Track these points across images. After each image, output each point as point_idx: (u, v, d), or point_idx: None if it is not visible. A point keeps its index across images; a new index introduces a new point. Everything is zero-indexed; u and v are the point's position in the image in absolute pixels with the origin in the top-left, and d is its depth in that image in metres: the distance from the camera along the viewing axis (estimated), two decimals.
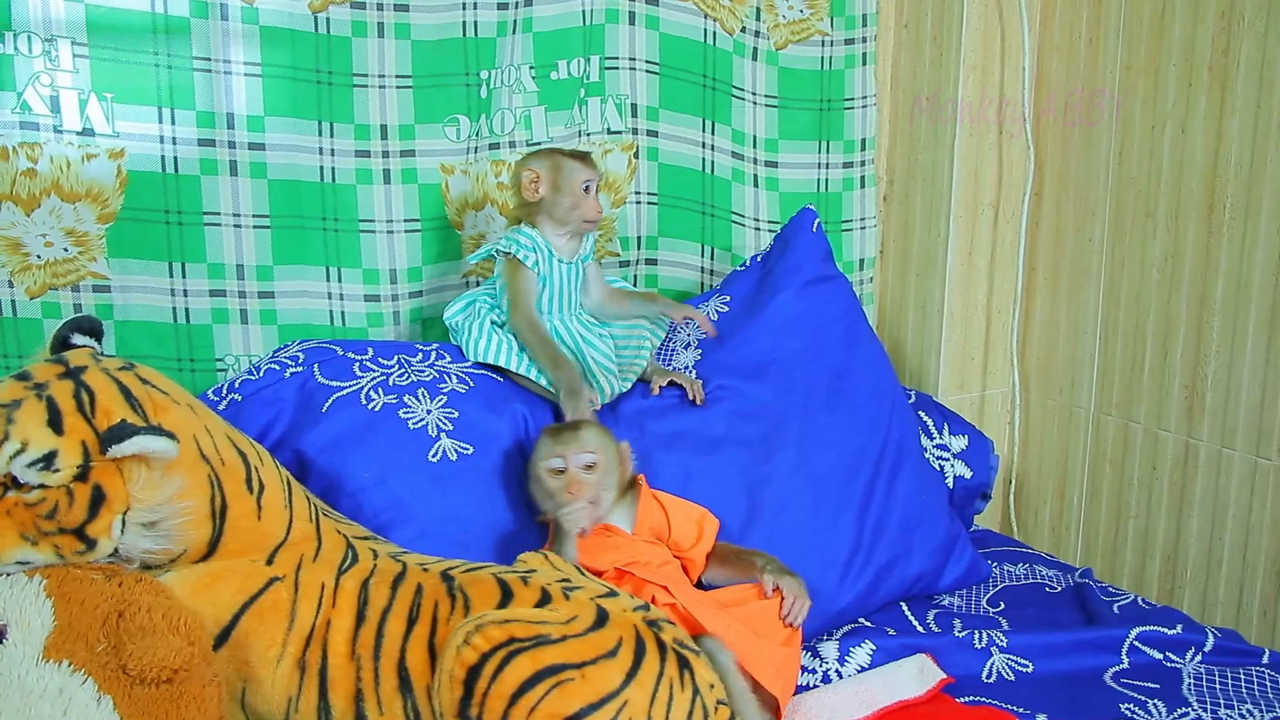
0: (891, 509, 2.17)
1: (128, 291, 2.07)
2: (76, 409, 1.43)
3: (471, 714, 1.45)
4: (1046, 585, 2.22)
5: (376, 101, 2.18)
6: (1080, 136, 2.54)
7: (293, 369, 1.96)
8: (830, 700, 1.80)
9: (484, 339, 2.08)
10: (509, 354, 2.06)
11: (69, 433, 1.42)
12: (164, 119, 2.03)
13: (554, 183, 2.07)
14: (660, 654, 1.53)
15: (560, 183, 2.07)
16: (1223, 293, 2.29)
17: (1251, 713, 1.77)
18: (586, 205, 2.09)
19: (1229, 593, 2.34)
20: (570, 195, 2.07)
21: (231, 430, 1.64)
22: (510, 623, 1.49)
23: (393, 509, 1.84)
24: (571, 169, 2.07)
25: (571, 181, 2.07)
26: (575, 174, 2.07)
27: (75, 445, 1.42)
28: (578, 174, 2.07)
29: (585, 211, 2.09)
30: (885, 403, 2.24)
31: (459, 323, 2.12)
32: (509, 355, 2.06)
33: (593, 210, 2.09)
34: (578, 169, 2.08)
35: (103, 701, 1.31)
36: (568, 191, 2.07)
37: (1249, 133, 2.22)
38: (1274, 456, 2.24)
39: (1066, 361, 2.64)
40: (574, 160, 2.08)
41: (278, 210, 2.14)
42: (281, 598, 1.56)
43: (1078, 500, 2.65)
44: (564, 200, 2.07)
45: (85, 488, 1.42)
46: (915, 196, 2.66)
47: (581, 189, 2.08)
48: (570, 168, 2.07)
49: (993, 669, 1.90)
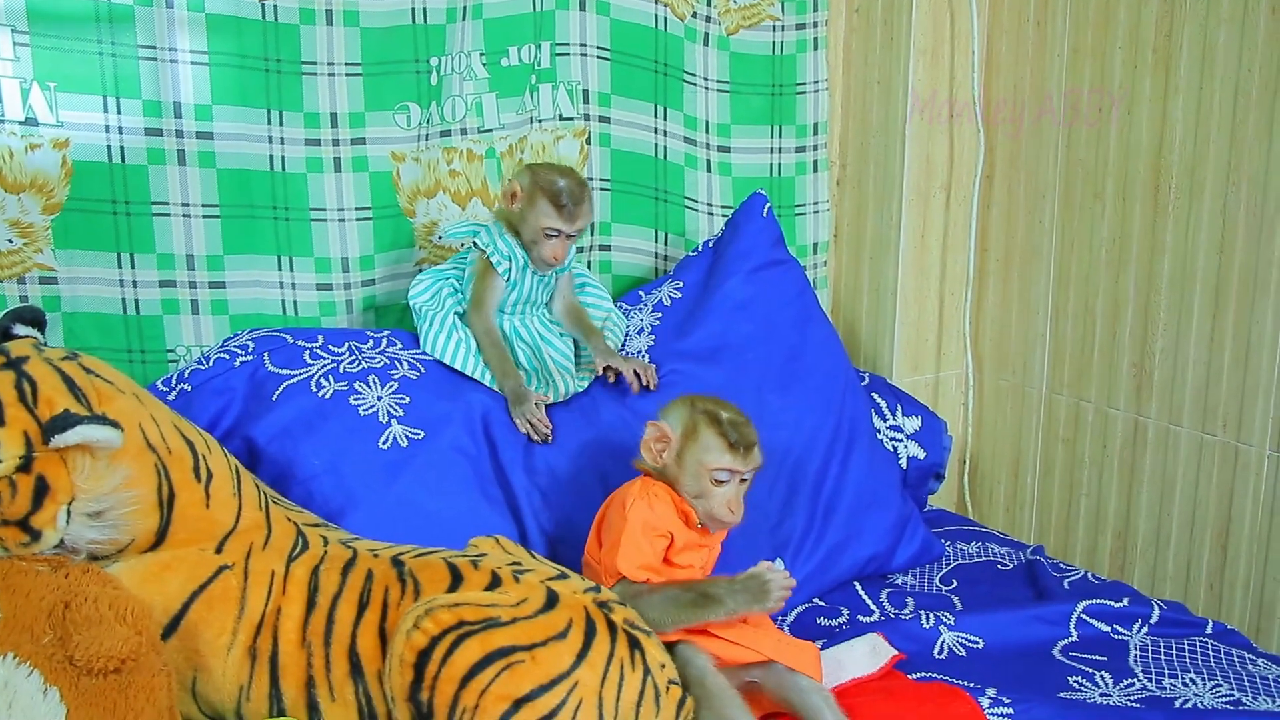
0: (844, 490, 2.19)
1: (76, 283, 2.06)
2: (18, 399, 1.43)
3: (422, 698, 1.46)
4: (998, 563, 2.25)
5: (326, 89, 2.17)
6: (1029, 120, 2.56)
7: (242, 358, 1.96)
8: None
9: (443, 334, 2.06)
10: (464, 356, 2.05)
11: (10, 423, 1.41)
12: (109, 108, 2.01)
13: (525, 208, 2.04)
14: (611, 635, 1.54)
15: (528, 213, 2.04)
16: (1169, 272, 2.32)
17: (1195, 681, 1.80)
18: (545, 248, 2.04)
19: (1177, 566, 2.37)
20: (530, 229, 2.04)
21: (178, 419, 1.63)
22: (460, 606, 1.49)
23: (344, 496, 1.85)
24: (541, 211, 2.02)
25: (537, 220, 2.03)
26: (542, 216, 2.02)
27: (17, 436, 1.41)
28: (545, 218, 2.02)
29: (543, 253, 2.04)
30: (838, 384, 2.26)
31: (421, 307, 2.10)
32: (464, 358, 2.05)
33: (548, 254, 2.04)
34: (547, 213, 2.02)
35: (49, 693, 1.30)
36: (530, 224, 2.04)
37: (1192, 114, 2.24)
38: (1219, 432, 2.27)
39: (1019, 342, 2.66)
40: (548, 203, 2.02)
41: (227, 200, 2.13)
42: (231, 586, 1.56)
43: (1031, 479, 2.68)
44: (525, 230, 2.05)
45: (28, 478, 1.41)
46: (868, 180, 2.68)
47: (542, 231, 2.03)
48: (541, 209, 2.02)
49: (944, 646, 1.92)
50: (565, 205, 2.02)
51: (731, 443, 1.72)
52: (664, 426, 1.76)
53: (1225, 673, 1.83)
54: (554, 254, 2.04)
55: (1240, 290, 2.20)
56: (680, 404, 1.79)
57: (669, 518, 1.74)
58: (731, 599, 1.66)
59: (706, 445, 1.72)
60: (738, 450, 1.72)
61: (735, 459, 1.72)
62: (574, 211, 2.03)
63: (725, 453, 1.72)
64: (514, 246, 2.06)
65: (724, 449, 1.72)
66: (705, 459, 1.72)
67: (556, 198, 2.01)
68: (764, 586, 1.65)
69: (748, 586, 1.66)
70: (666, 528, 1.74)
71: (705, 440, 1.73)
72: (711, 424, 1.73)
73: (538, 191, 2.02)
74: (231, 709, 1.55)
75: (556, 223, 2.02)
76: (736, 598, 1.66)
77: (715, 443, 1.72)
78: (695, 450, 1.73)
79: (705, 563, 1.82)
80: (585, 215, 2.06)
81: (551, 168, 2.10)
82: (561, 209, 2.01)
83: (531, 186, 2.03)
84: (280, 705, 1.54)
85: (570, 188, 2.04)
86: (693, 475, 1.73)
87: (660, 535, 1.74)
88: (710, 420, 1.74)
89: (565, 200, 2.02)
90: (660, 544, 1.74)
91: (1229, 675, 1.82)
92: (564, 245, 2.05)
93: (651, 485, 1.77)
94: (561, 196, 2.02)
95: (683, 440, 1.74)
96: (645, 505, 1.74)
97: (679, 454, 1.74)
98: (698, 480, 1.73)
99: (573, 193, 2.04)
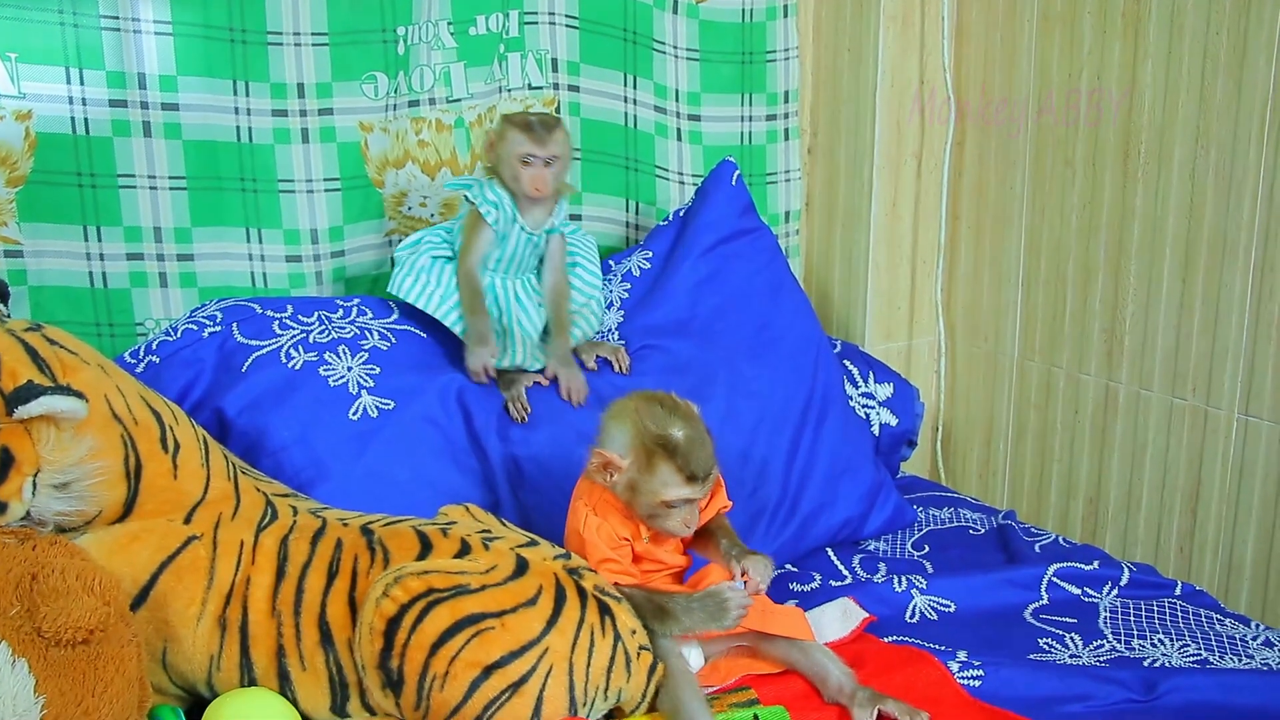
0: (817, 457, 2.19)
1: (41, 256, 2.04)
2: None
3: (392, 665, 1.46)
4: (970, 528, 2.26)
5: (292, 59, 2.15)
6: (1000, 86, 2.56)
7: (211, 329, 1.95)
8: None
9: (410, 277, 2.05)
10: (427, 296, 2.03)
11: None
12: (72, 79, 1.99)
13: (498, 150, 2.03)
14: (581, 601, 1.54)
15: (502, 151, 2.02)
16: (1139, 238, 2.32)
17: (1163, 642, 1.81)
18: (524, 177, 2.01)
19: (1148, 530, 2.39)
20: (508, 165, 2.01)
21: (145, 390, 1.63)
22: (429, 574, 1.50)
23: (313, 467, 1.84)
24: (512, 139, 2.01)
25: (510, 151, 2.01)
26: (514, 145, 2.00)
27: None
28: (516, 145, 2.00)
29: (523, 184, 2.01)
30: (810, 352, 2.26)
31: (401, 257, 2.09)
32: (427, 297, 2.03)
33: (528, 184, 2.01)
34: (518, 140, 2.00)
35: (18, 664, 1.30)
36: (506, 160, 2.01)
37: (1161, 79, 2.25)
38: (1188, 396, 2.28)
39: (990, 309, 2.67)
40: (518, 130, 2.01)
41: (194, 171, 2.11)
42: (200, 556, 1.56)
43: (1003, 445, 2.69)
44: (504, 169, 2.02)
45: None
46: (839, 148, 2.67)
47: (518, 160, 2.00)
48: (511, 138, 2.01)
49: (915, 609, 1.93)
50: (534, 128, 2.00)
51: (689, 475, 1.62)
52: (610, 456, 1.64)
53: (1193, 632, 1.84)
54: (533, 183, 2.00)
55: (1210, 254, 2.21)
56: (624, 422, 1.66)
57: (622, 528, 1.71)
58: (688, 617, 1.63)
59: (664, 480, 1.62)
60: (696, 480, 1.62)
61: (694, 489, 1.63)
62: (544, 136, 2.01)
63: (683, 486, 1.62)
64: (502, 196, 2.04)
65: (681, 483, 1.62)
66: (664, 493, 1.62)
67: (526, 124, 2.01)
68: (722, 605, 1.62)
69: (704, 605, 1.63)
70: (623, 536, 1.72)
71: (662, 475, 1.62)
72: (667, 457, 1.61)
73: (508, 125, 2.02)
74: (202, 679, 1.55)
75: (529, 147, 1.99)
76: (693, 615, 1.63)
77: (673, 478, 1.61)
78: (651, 483, 1.62)
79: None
80: (559, 142, 2.03)
81: (522, 111, 2.17)
82: (531, 131, 2.00)
83: (503, 125, 2.03)
84: (251, 675, 1.54)
85: (539, 116, 2.06)
86: (647, 505, 1.65)
87: (621, 542, 1.71)
88: (665, 452, 1.61)
89: (534, 123, 2.01)
90: (625, 550, 1.71)
91: (1196, 635, 1.83)
92: (544, 174, 2.01)
93: (597, 499, 1.71)
94: (531, 123, 2.01)
95: (636, 472, 1.63)
96: (596, 525, 1.69)
97: (632, 484, 1.64)
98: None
99: (542, 119, 2.04)
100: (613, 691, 1.55)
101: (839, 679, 1.65)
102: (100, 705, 1.33)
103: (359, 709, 1.53)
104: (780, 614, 1.75)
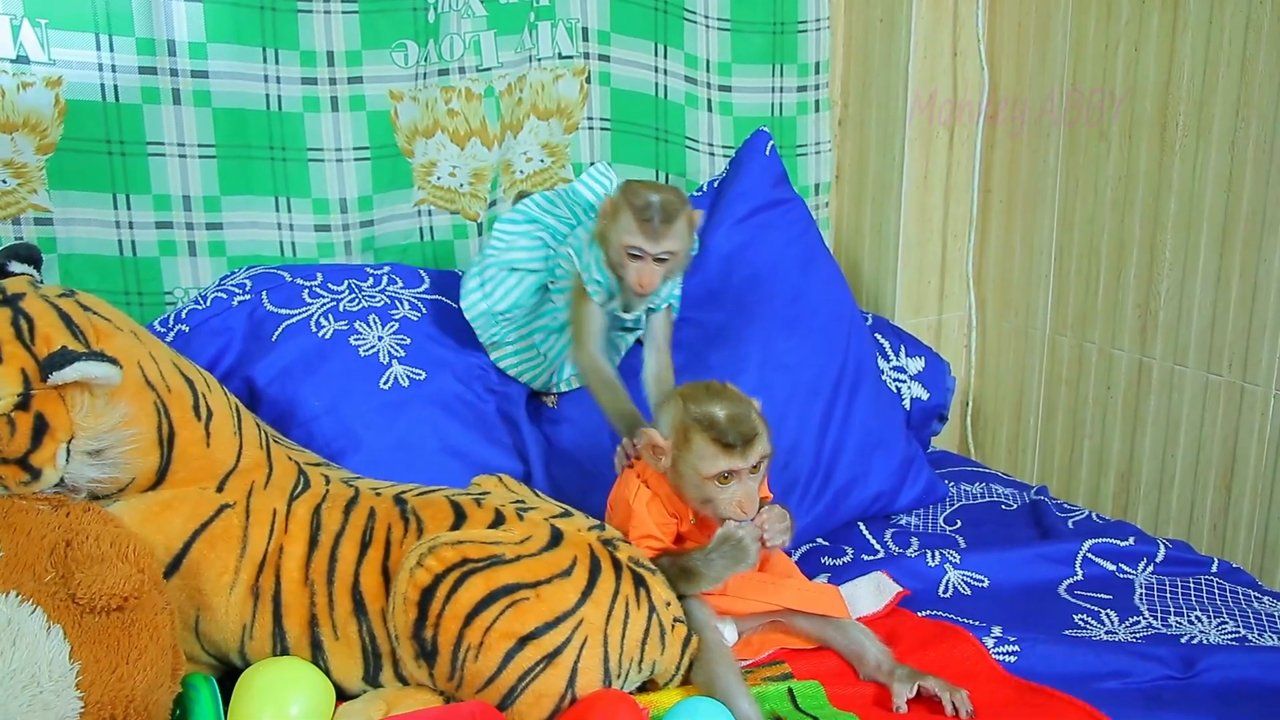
0: (850, 431, 2.17)
1: (71, 224, 2.04)
2: (15, 336, 1.41)
3: (426, 635, 1.45)
4: (1002, 503, 2.24)
5: (322, 27, 2.13)
6: (1035, 56, 2.53)
7: (240, 297, 1.94)
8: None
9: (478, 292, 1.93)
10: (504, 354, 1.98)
11: (8, 360, 1.40)
12: (102, 46, 1.98)
13: (609, 224, 1.79)
14: (615, 572, 1.53)
15: (612, 231, 1.79)
16: (1175, 212, 2.29)
17: (1200, 619, 1.80)
18: (631, 271, 1.78)
19: (1180, 507, 2.37)
20: (615, 249, 1.79)
21: (177, 357, 1.62)
22: (463, 544, 1.49)
23: (344, 437, 1.84)
24: (624, 225, 1.77)
25: (619, 237, 1.78)
26: (625, 232, 1.77)
27: (15, 373, 1.39)
28: (627, 234, 1.76)
29: (628, 277, 1.78)
30: (843, 325, 2.24)
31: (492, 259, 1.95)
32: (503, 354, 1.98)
33: (634, 279, 1.77)
34: (629, 229, 1.76)
35: (53, 630, 1.30)
36: (614, 244, 1.79)
37: (1201, 50, 2.21)
38: (1224, 372, 2.26)
39: (1022, 284, 2.64)
40: (632, 217, 1.76)
41: (223, 139, 2.10)
42: (233, 525, 1.55)
43: (1034, 420, 2.67)
44: (611, 250, 1.81)
45: (27, 416, 1.40)
46: (870, 120, 2.65)
47: (625, 250, 1.78)
48: (624, 223, 1.77)
49: (949, 584, 1.91)
50: (651, 219, 1.75)
51: (726, 444, 1.58)
52: (655, 436, 1.62)
53: (1230, 610, 1.82)
54: (639, 279, 1.76)
55: (1248, 228, 2.18)
56: (672, 404, 1.65)
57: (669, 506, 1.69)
58: (709, 569, 1.59)
59: (700, 453, 1.59)
60: (734, 450, 1.58)
61: (734, 459, 1.58)
62: (660, 231, 1.76)
63: (720, 457, 1.58)
64: (607, 277, 1.84)
65: (718, 453, 1.58)
66: (701, 467, 1.59)
67: (643, 211, 1.76)
68: (739, 546, 1.59)
69: (723, 553, 1.59)
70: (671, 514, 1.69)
71: (698, 448, 1.59)
72: (702, 429, 1.58)
73: (624, 204, 1.78)
74: (235, 648, 1.55)
75: (639, 240, 1.76)
76: (714, 566, 1.59)
77: (708, 449, 1.58)
78: (689, 459, 1.60)
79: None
80: (676, 236, 1.79)
81: (650, 184, 1.85)
82: (647, 223, 1.75)
83: (620, 199, 1.79)
84: (284, 644, 1.53)
85: (662, 202, 1.77)
86: (693, 484, 1.62)
87: (669, 519, 1.69)
88: (701, 425, 1.59)
89: (653, 212, 1.76)
90: (670, 528, 1.69)
91: (1234, 613, 1.81)
92: (654, 271, 1.77)
93: (650, 474, 1.68)
94: (648, 210, 1.76)
95: (676, 449, 1.61)
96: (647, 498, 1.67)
97: (675, 463, 1.62)
98: (699, 488, 1.61)
99: (664, 207, 1.77)
100: (647, 663, 1.54)
101: (877, 656, 1.64)
102: (134, 672, 1.33)
103: (392, 679, 1.53)
104: (816, 591, 1.74)
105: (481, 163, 2.30)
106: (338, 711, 1.49)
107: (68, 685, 1.27)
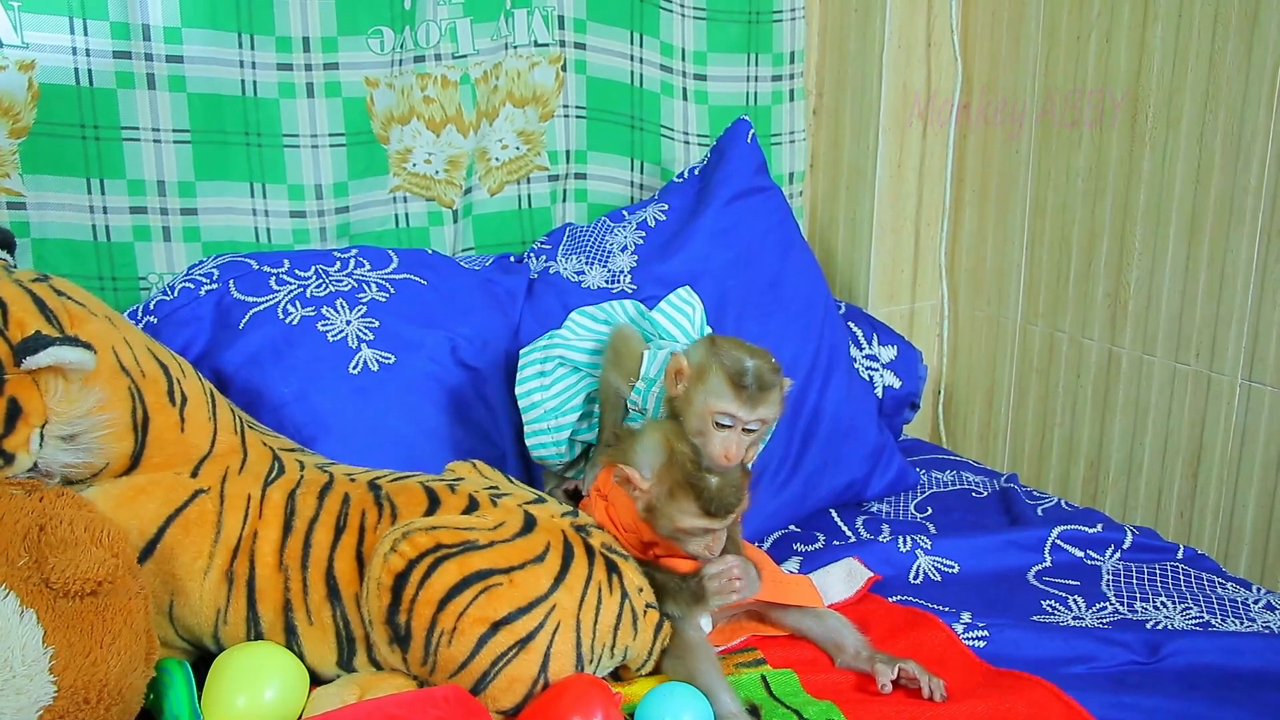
0: (822, 417, 2.19)
1: (44, 209, 2.03)
2: None
3: (399, 620, 1.46)
4: (973, 491, 2.26)
5: (297, 12, 2.13)
6: (1008, 47, 2.54)
7: (208, 286, 1.94)
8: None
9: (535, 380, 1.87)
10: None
11: None
12: (76, 29, 1.97)
13: (692, 386, 1.65)
14: (588, 558, 1.54)
15: (694, 393, 1.64)
16: (1144, 202, 2.32)
17: (1165, 604, 1.82)
18: (715, 442, 1.61)
19: (1149, 494, 2.40)
20: (698, 416, 1.63)
21: (152, 342, 1.62)
22: (437, 529, 1.49)
23: (315, 423, 1.83)
24: (713, 387, 1.62)
25: (705, 401, 1.63)
26: (714, 396, 1.62)
27: None
28: (717, 399, 1.62)
29: (710, 448, 1.61)
30: (817, 311, 2.26)
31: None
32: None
33: (718, 450, 1.61)
34: (721, 394, 1.61)
35: (25, 615, 1.30)
36: (698, 410, 1.63)
37: (1170, 43, 2.23)
38: (1192, 361, 2.28)
39: (994, 273, 2.67)
40: (725, 381, 1.62)
41: (198, 125, 2.10)
42: (207, 510, 1.56)
43: (1005, 409, 2.69)
44: (692, 418, 1.64)
45: (0, 401, 1.40)
46: (844, 109, 2.66)
47: (712, 419, 1.62)
48: (713, 385, 1.62)
49: (919, 570, 1.94)
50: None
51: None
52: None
53: (1195, 596, 1.85)
54: (724, 451, 1.61)
55: (1216, 219, 2.20)
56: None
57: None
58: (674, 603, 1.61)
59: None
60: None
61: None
62: (756, 398, 1.62)
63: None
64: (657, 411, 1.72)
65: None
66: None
67: (738, 377, 1.62)
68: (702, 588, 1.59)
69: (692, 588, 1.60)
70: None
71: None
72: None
73: (714, 365, 1.63)
74: (209, 632, 1.55)
75: (731, 406, 1.61)
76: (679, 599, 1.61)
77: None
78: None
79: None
80: (771, 404, 1.65)
81: (739, 342, 1.70)
82: (743, 389, 1.61)
83: (707, 359, 1.65)
84: (258, 629, 1.54)
85: (757, 363, 1.64)
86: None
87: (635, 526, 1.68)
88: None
89: (750, 378, 1.62)
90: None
91: (1199, 598, 1.84)
92: (740, 443, 1.62)
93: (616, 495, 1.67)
94: (745, 376, 1.62)
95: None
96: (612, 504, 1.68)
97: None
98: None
99: (761, 372, 1.63)
100: (619, 649, 1.55)
101: (855, 645, 1.66)
102: (108, 657, 1.33)
103: (365, 663, 1.53)
104: (790, 583, 1.76)
105: (457, 150, 2.30)
106: (312, 696, 1.50)
107: (41, 670, 1.27)
